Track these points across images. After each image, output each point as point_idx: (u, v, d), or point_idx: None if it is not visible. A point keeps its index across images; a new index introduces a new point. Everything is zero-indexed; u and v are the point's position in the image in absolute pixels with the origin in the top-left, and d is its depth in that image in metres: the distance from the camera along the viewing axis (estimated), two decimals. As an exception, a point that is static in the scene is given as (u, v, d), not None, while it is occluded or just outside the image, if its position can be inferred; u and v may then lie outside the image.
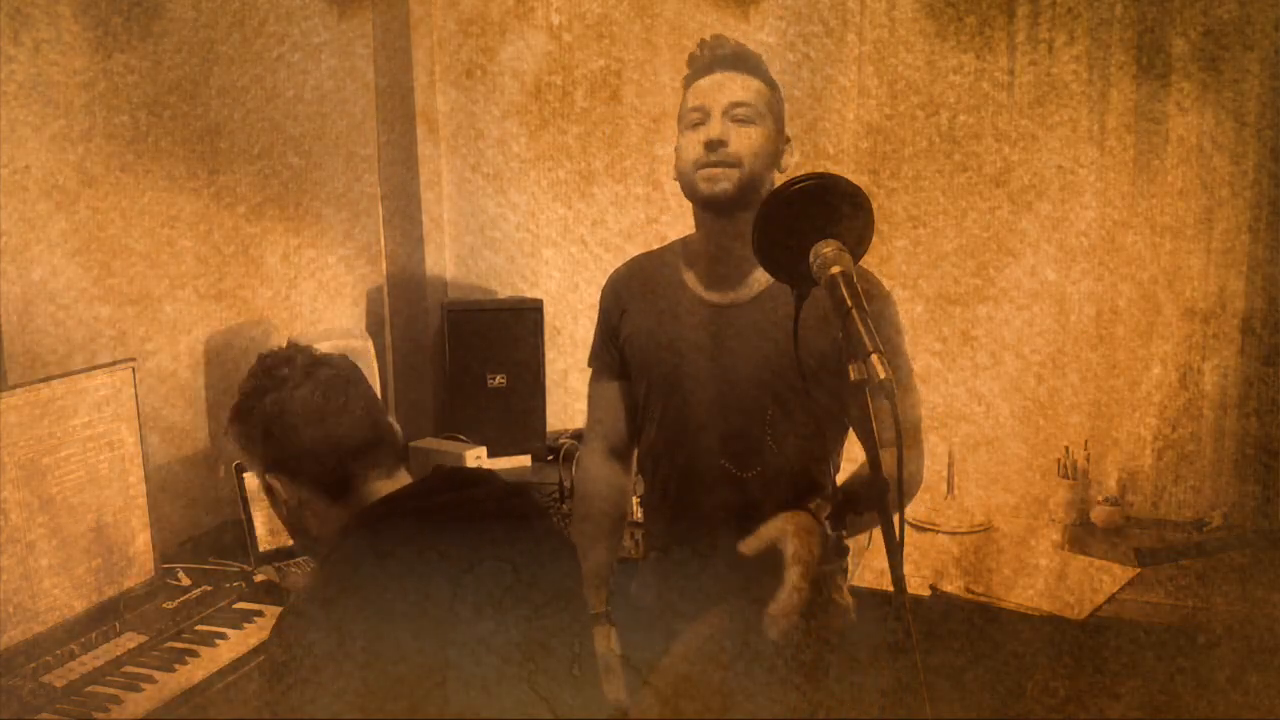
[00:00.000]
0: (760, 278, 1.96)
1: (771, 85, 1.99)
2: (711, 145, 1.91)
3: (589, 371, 2.20)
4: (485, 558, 1.43)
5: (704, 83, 1.96)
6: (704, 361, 1.97)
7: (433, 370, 3.27)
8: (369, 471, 1.52)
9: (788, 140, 2.01)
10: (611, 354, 2.11)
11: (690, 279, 2.03)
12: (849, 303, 1.31)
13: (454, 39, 3.21)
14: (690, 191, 1.97)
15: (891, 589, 1.27)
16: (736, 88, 1.94)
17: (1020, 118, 2.74)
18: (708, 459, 1.98)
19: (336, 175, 3.01)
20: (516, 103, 3.19)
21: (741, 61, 1.97)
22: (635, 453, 2.16)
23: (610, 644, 2.01)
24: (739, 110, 1.92)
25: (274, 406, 1.50)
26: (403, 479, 1.55)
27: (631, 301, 2.08)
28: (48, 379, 1.98)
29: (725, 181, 1.91)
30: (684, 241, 2.09)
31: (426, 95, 3.20)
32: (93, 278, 2.26)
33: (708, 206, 1.96)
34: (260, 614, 2.09)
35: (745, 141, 1.92)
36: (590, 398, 2.18)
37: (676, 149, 2.01)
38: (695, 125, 1.95)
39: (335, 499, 1.51)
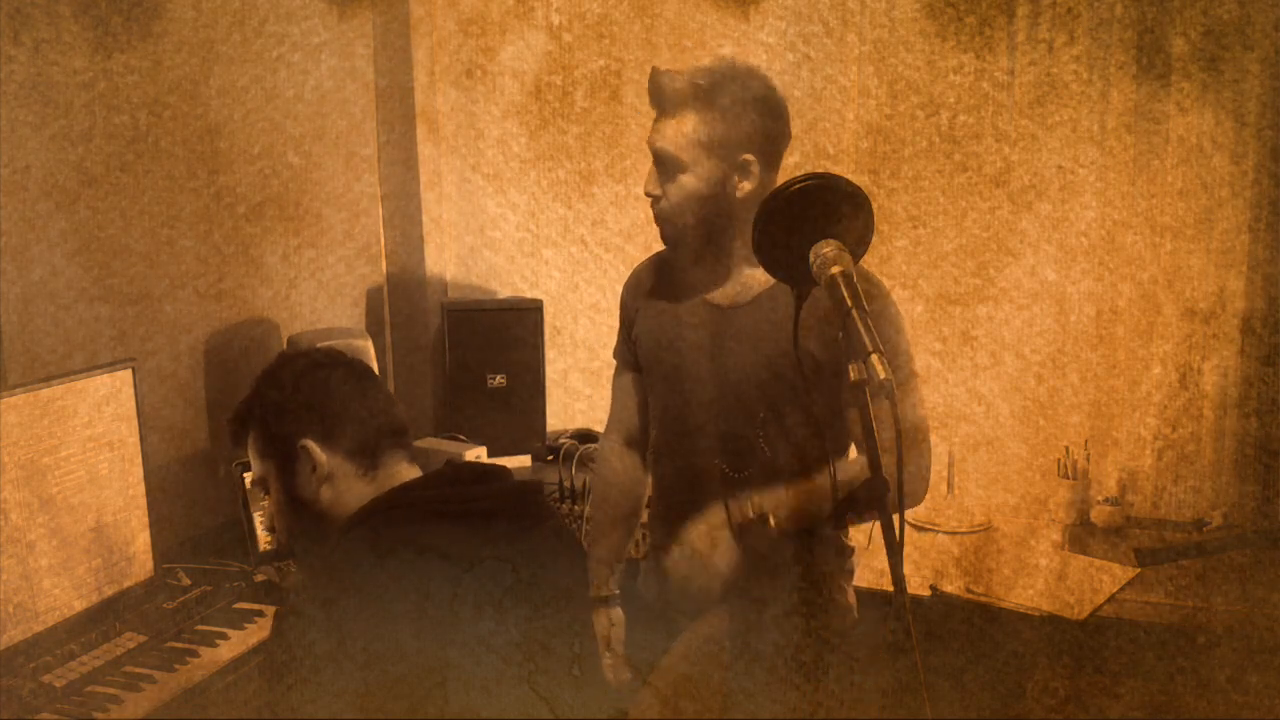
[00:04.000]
0: (759, 280, 1.97)
1: (719, 109, 1.88)
2: (650, 196, 1.96)
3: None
4: (485, 557, 1.43)
5: (652, 127, 1.96)
6: (703, 363, 1.98)
7: (433, 370, 3.27)
8: (397, 451, 1.55)
9: (748, 163, 1.90)
10: (629, 348, 2.14)
11: (692, 281, 2.04)
12: (849, 303, 1.31)
13: (454, 39, 3.21)
14: None
15: (891, 589, 1.27)
16: (665, 136, 1.92)
17: (1020, 118, 2.74)
18: (705, 459, 1.99)
19: (336, 175, 3.01)
20: (516, 103, 3.19)
21: (676, 102, 1.90)
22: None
23: (614, 625, 2.03)
24: (667, 162, 1.92)
25: (315, 375, 1.54)
26: (416, 472, 1.57)
27: (643, 301, 2.10)
28: (48, 379, 1.98)
29: (665, 233, 1.97)
30: None
31: (426, 95, 3.20)
32: (93, 278, 2.26)
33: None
34: (260, 614, 2.09)
35: (674, 194, 1.92)
36: (612, 387, 2.21)
37: None
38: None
39: (364, 472, 1.53)
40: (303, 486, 1.53)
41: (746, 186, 1.91)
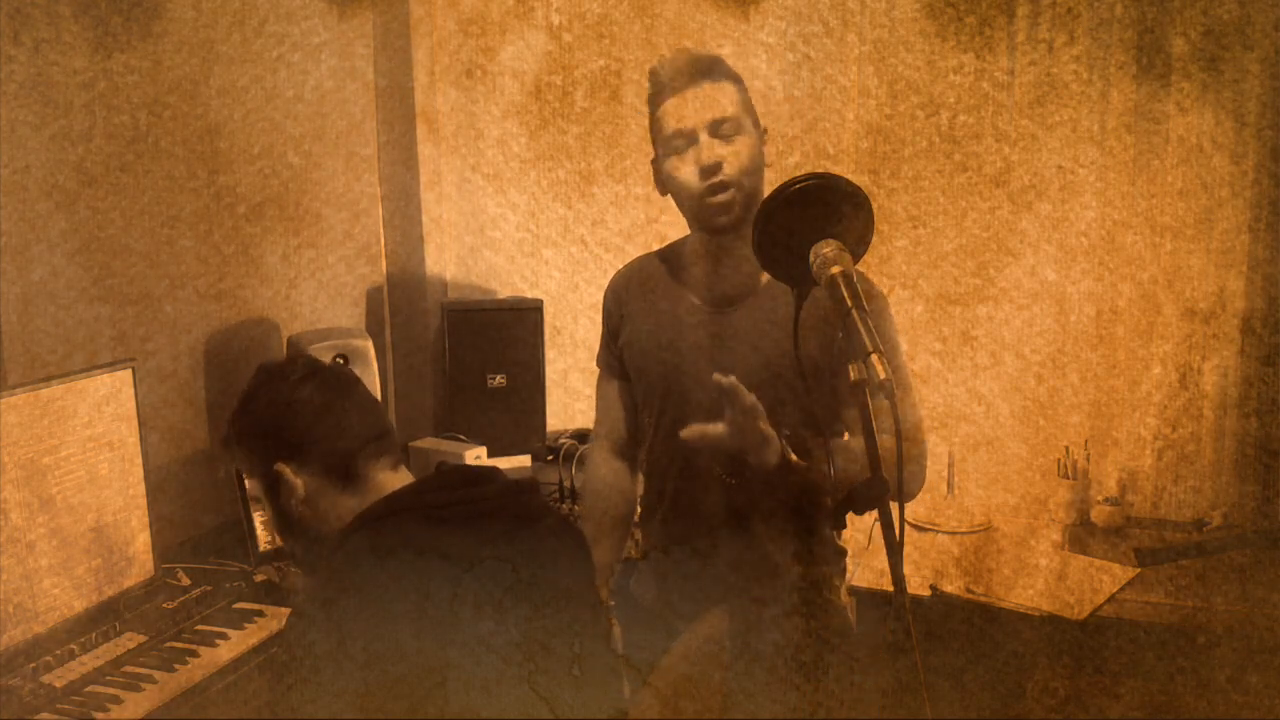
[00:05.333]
0: (754, 283, 1.97)
1: (739, 82, 1.95)
2: (708, 171, 1.88)
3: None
4: (485, 557, 1.43)
5: (679, 101, 1.91)
6: (699, 366, 1.97)
7: (433, 370, 3.27)
8: (376, 461, 1.54)
9: (764, 130, 1.98)
10: (613, 355, 2.13)
11: (687, 284, 2.03)
12: (849, 303, 1.31)
13: (454, 39, 3.21)
14: (697, 221, 1.96)
15: (891, 589, 1.27)
16: (716, 102, 1.89)
17: (1020, 118, 2.74)
18: (700, 461, 1.99)
19: (336, 175, 3.01)
20: (516, 103, 3.19)
21: (711, 70, 1.92)
22: (640, 450, 2.16)
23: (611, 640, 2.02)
24: (725, 126, 1.89)
25: (282, 397, 1.54)
26: (405, 476, 1.57)
27: (630, 308, 2.09)
28: (48, 379, 1.98)
29: (732, 209, 1.91)
30: (682, 243, 2.09)
31: (426, 95, 3.20)
32: (93, 278, 2.26)
33: (716, 232, 1.96)
34: (260, 614, 2.09)
35: (737, 159, 1.89)
36: (597, 396, 2.19)
37: (661, 170, 1.97)
38: (680, 150, 1.92)
39: (343, 487, 1.52)
40: (286, 505, 1.54)
41: (767, 159, 1.97)
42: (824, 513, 1.99)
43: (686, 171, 1.91)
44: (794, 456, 1.77)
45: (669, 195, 1.99)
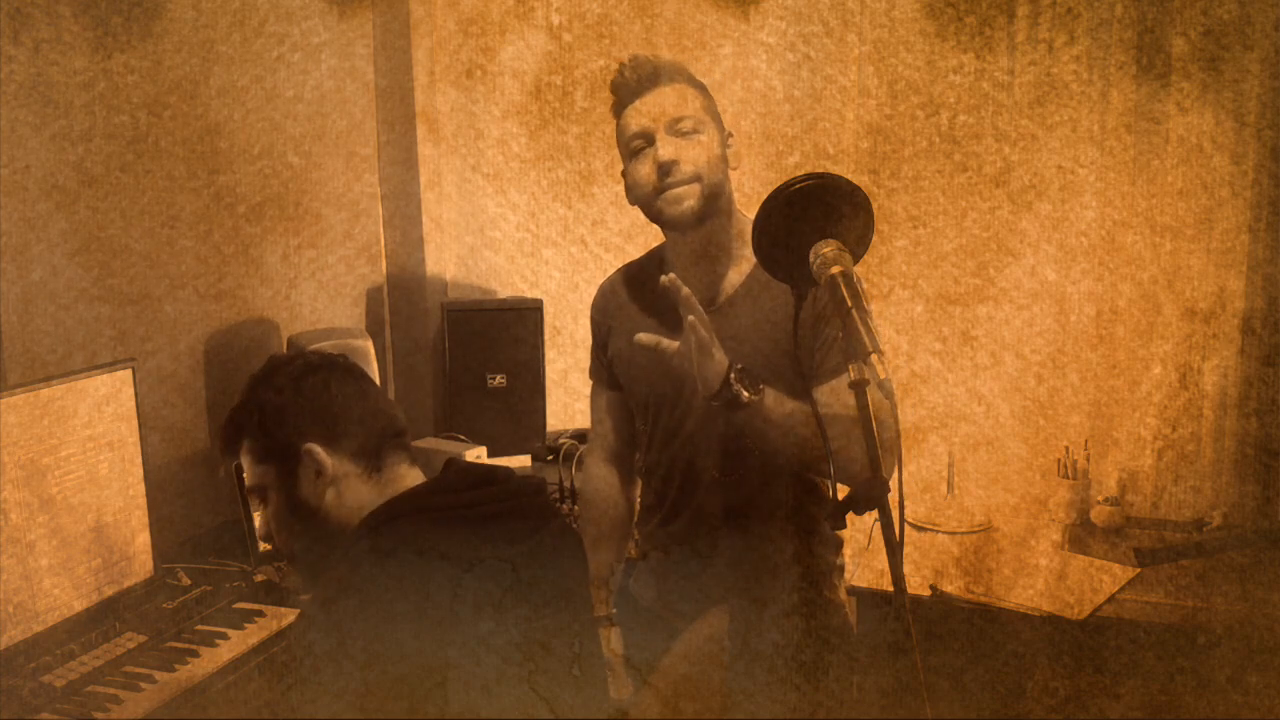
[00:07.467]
0: (730, 282, 1.97)
1: (701, 87, 1.97)
2: (664, 168, 1.90)
3: (589, 371, 2.22)
4: (485, 557, 1.43)
5: (639, 105, 1.94)
6: (687, 368, 1.97)
7: (433, 370, 3.27)
8: (398, 452, 1.55)
9: (730, 135, 1.99)
10: (603, 365, 2.14)
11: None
12: (849, 303, 1.31)
13: (454, 39, 3.21)
14: (655, 216, 1.97)
15: (891, 589, 1.27)
16: (673, 103, 1.92)
17: (1020, 118, 2.74)
18: (698, 462, 1.99)
19: (336, 175, 3.01)
20: (516, 103, 3.19)
21: (668, 75, 1.94)
22: (635, 457, 2.17)
23: (613, 646, 2.02)
24: (682, 124, 1.91)
25: (313, 378, 1.53)
26: (419, 474, 1.57)
27: (615, 318, 2.10)
28: (48, 379, 1.98)
29: (689, 199, 1.91)
30: (662, 248, 2.10)
31: (426, 95, 3.20)
32: (93, 278, 2.27)
33: (676, 227, 1.96)
34: (260, 614, 2.09)
35: (698, 154, 1.90)
36: (590, 405, 2.20)
37: (625, 175, 1.99)
38: (640, 151, 1.93)
39: (368, 475, 1.52)
40: (306, 491, 1.51)
41: (733, 161, 1.97)
42: (823, 508, 2.00)
43: (645, 170, 1.93)
44: (745, 392, 1.72)
45: (637, 206, 2.00)
